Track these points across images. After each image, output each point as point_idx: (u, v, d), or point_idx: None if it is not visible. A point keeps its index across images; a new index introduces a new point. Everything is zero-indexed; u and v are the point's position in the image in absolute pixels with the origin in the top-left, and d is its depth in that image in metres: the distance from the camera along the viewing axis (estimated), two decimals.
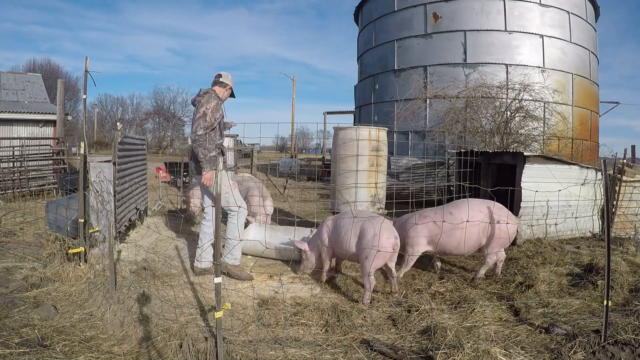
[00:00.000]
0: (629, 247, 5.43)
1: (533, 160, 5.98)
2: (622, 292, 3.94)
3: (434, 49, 13.73)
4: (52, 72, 41.94)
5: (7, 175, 9.83)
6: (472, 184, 6.09)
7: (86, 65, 4.32)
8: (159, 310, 3.34)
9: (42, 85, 16.49)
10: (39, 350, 2.71)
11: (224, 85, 4.30)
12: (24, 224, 6.70)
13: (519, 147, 9.84)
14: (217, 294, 2.58)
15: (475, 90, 11.03)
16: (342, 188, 5.46)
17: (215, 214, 2.68)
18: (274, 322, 3.24)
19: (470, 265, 4.95)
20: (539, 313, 3.43)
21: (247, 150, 16.85)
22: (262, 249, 4.60)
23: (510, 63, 12.81)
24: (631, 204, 6.66)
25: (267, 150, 55.42)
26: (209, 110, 4.02)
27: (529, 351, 2.76)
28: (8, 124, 13.04)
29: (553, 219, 6.09)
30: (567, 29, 13.79)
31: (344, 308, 3.39)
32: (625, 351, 2.68)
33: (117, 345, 2.90)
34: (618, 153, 8.66)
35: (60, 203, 5.04)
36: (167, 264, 4.60)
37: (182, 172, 11.80)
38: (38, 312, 3.29)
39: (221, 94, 4.29)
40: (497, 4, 13.17)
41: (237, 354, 2.72)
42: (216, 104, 4.09)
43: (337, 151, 5.68)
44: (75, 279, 4.00)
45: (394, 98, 14.24)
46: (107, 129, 49.57)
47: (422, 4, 13.93)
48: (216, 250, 2.63)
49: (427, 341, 2.93)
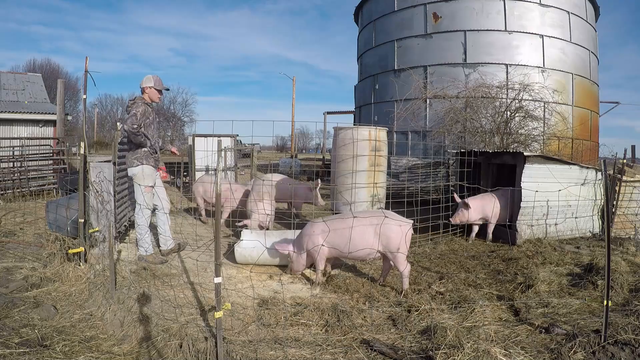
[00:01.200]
0: (629, 247, 5.44)
1: (533, 160, 5.98)
2: (622, 292, 3.94)
3: (434, 49, 13.72)
4: (52, 72, 41.97)
5: (7, 175, 9.83)
6: (472, 184, 6.09)
7: (86, 65, 4.32)
8: (159, 310, 3.34)
9: (42, 85, 16.49)
10: (39, 350, 2.71)
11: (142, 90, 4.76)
12: (24, 224, 6.70)
13: (519, 147, 9.84)
14: (217, 294, 2.58)
15: (475, 90, 11.02)
16: (343, 189, 5.47)
17: (216, 214, 2.68)
18: (274, 322, 3.24)
19: (470, 265, 4.95)
20: (539, 313, 3.43)
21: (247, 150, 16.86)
22: (257, 257, 4.58)
23: (510, 63, 12.79)
24: (631, 204, 6.66)
25: (267, 150, 55.41)
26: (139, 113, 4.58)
27: (529, 351, 2.76)
28: (8, 124, 13.05)
29: (553, 219, 6.10)
30: (567, 29, 13.78)
31: (344, 308, 3.39)
32: (625, 351, 2.68)
33: (117, 345, 2.90)
34: (618, 153, 8.65)
35: (60, 203, 5.04)
36: (167, 264, 4.60)
37: (182, 172, 11.80)
38: (38, 312, 3.29)
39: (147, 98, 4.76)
40: (497, 4, 13.16)
41: (237, 354, 2.72)
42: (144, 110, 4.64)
43: (337, 151, 5.68)
44: (75, 279, 4.00)
45: (394, 98, 14.23)
46: (107, 129, 49.60)
47: (422, 4, 13.92)
48: (216, 250, 2.63)
49: (427, 341, 2.93)
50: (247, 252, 4.64)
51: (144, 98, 4.73)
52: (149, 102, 4.75)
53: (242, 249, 4.65)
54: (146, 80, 4.73)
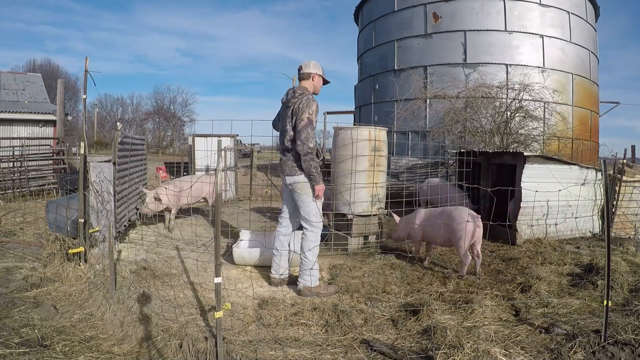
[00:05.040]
0: (629, 247, 5.44)
1: (533, 160, 5.98)
2: (622, 292, 3.94)
3: (434, 49, 13.72)
4: (52, 72, 41.98)
5: (7, 175, 9.83)
6: (472, 184, 6.09)
7: (86, 65, 4.33)
8: (159, 310, 3.34)
9: (42, 85, 16.49)
10: (39, 350, 2.71)
11: (309, 75, 3.85)
12: (24, 224, 6.70)
13: (519, 147, 9.84)
14: (217, 294, 2.58)
15: (475, 90, 11.02)
16: (343, 189, 5.46)
17: (216, 214, 2.68)
18: (274, 322, 3.24)
19: (470, 264, 4.94)
20: (539, 313, 3.43)
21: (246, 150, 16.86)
22: (256, 258, 4.58)
23: (510, 63, 12.79)
24: (631, 204, 6.66)
25: (267, 150, 55.41)
26: (313, 115, 3.64)
27: (529, 351, 2.76)
28: (8, 124, 13.05)
29: (553, 219, 6.10)
30: (567, 29, 13.78)
31: (344, 308, 3.39)
32: (625, 351, 2.68)
33: (117, 345, 2.90)
34: (618, 153, 8.66)
35: (60, 203, 5.04)
36: (167, 264, 4.60)
37: (182, 172, 11.80)
38: (38, 312, 3.29)
39: (312, 88, 3.87)
40: (497, 4, 13.16)
41: (237, 354, 2.72)
42: (317, 107, 3.69)
43: (337, 151, 5.68)
44: (75, 279, 4.00)
45: (394, 98, 14.23)
46: (107, 129, 49.58)
47: (422, 4, 13.92)
48: (216, 250, 2.63)
49: (427, 341, 2.93)
50: (246, 253, 4.64)
51: (307, 89, 3.81)
52: (315, 92, 3.88)
53: (240, 250, 4.65)
54: (313, 66, 3.85)
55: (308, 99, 3.66)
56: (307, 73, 3.84)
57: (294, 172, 3.78)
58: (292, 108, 3.67)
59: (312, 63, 3.89)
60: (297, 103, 3.65)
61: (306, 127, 3.61)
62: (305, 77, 3.85)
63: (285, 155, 3.85)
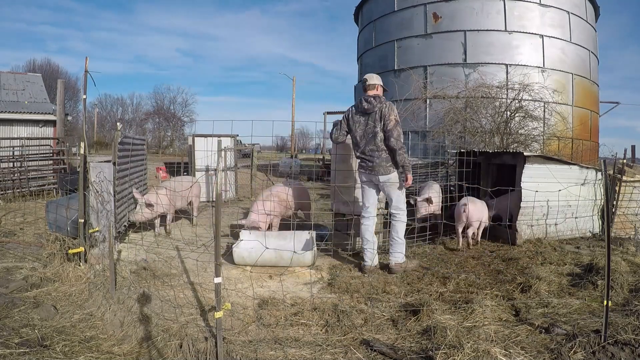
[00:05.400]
0: (629, 247, 5.43)
1: (533, 160, 5.98)
2: (622, 292, 3.93)
3: (434, 49, 13.72)
4: (52, 72, 41.99)
5: (7, 175, 9.83)
6: (472, 184, 6.08)
7: (86, 65, 4.32)
8: (159, 310, 3.34)
9: (42, 85, 16.48)
10: (39, 350, 2.71)
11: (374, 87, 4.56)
12: (24, 224, 6.71)
13: (519, 147, 9.84)
14: (217, 294, 2.58)
15: (475, 90, 11.03)
16: (343, 189, 5.46)
17: (216, 214, 2.68)
18: (274, 322, 3.24)
19: (470, 265, 4.94)
20: (539, 313, 3.43)
21: (246, 150, 16.86)
22: (256, 258, 4.58)
23: (510, 63, 12.80)
24: (631, 204, 6.66)
25: (267, 150, 55.41)
26: (397, 116, 4.41)
27: (529, 351, 2.76)
28: (8, 124, 13.05)
29: (553, 219, 6.09)
30: (567, 29, 13.79)
31: (344, 308, 3.39)
32: (625, 351, 2.68)
33: (117, 345, 2.90)
34: (618, 153, 8.66)
35: (60, 203, 5.04)
36: (167, 264, 4.60)
37: (182, 172, 11.80)
38: (38, 312, 3.29)
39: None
40: (497, 4, 13.17)
41: (237, 354, 2.72)
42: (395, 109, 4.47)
43: (337, 151, 5.67)
44: (75, 279, 4.00)
45: (394, 98, 14.21)
46: (107, 129, 49.61)
47: (422, 4, 13.93)
48: (216, 250, 2.63)
49: (427, 341, 2.93)
50: (246, 253, 4.63)
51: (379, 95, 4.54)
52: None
53: (240, 250, 4.65)
54: (376, 78, 4.64)
55: (390, 104, 4.43)
56: (372, 84, 4.57)
57: (389, 172, 4.47)
58: (379, 113, 4.38)
59: (375, 76, 4.68)
60: (382, 109, 4.37)
61: (396, 126, 4.34)
62: (371, 87, 4.57)
63: (375, 156, 4.46)
